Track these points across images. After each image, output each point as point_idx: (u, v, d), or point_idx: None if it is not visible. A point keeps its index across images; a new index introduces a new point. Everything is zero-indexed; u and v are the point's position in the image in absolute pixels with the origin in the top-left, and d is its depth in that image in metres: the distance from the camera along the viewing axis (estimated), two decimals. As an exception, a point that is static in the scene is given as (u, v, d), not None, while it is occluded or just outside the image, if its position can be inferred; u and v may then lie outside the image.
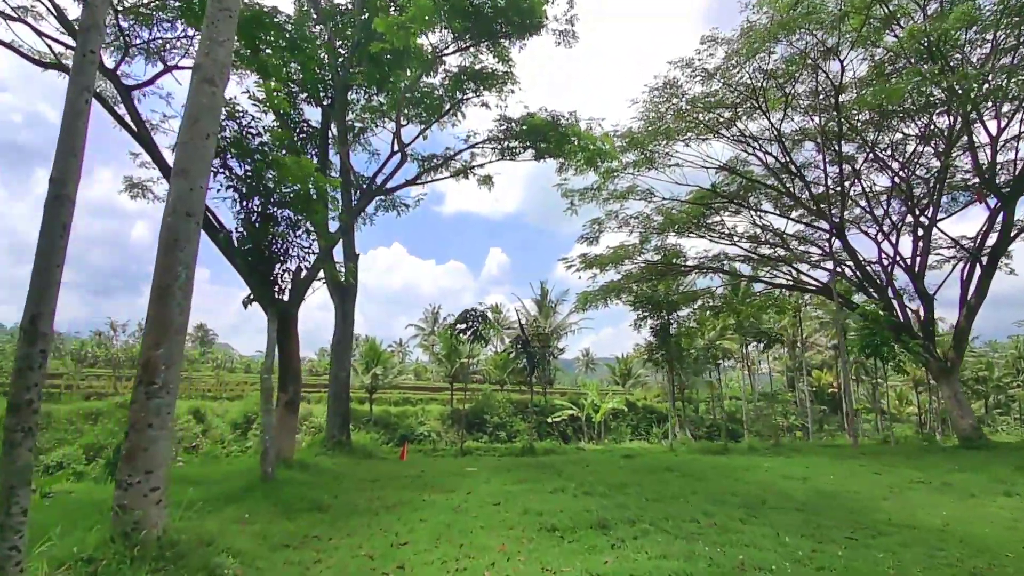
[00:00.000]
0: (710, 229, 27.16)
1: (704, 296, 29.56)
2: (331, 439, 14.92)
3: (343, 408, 15.48)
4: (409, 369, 57.95)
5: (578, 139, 15.32)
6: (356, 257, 16.41)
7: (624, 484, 11.18)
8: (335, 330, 15.88)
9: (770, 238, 27.18)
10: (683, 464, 14.45)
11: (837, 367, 60.05)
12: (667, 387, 42.78)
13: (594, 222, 24.97)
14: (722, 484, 11.69)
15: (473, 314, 16.74)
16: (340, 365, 15.67)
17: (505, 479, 12.05)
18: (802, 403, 48.90)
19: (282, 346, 11.77)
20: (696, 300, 26.70)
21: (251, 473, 10.25)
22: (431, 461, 15.11)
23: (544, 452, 17.13)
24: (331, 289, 16.12)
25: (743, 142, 21.86)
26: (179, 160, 6.43)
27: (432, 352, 42.89)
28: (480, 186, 19.80)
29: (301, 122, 16.85)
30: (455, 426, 37.67)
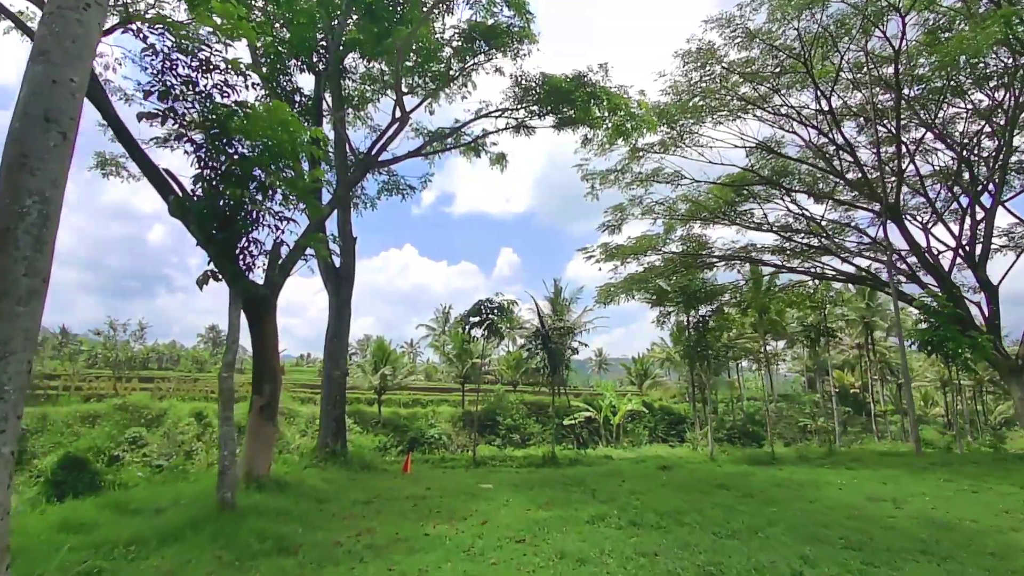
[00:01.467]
0: (739, 218, 24.58)
1: (732, 290, 26.92)
2: (323, 449, 12.56)
3: (338, 413, 13.14)
4: (419, 369, 55.61)
5: (607, 100, 12.86)
6: (354, 240, 14.08)
7: (678, 511, 8.66)
8: (328, 323, 13.54)
9: (805, 226, 24.50)
10: (735, 480, 11.88)
11: (861, 366, 56.89)
12: (691, 386, 40.11)
13: (616, 209, 22.47)
14: (799, 510, 9.13)
15: (488, 306, 14.37)
16: (334, 363, 13.33)
17: (528, 501, 9.58)
18: (824, 404, 45.79)
19: (256, 338, 9.42)
20: (723, 294, 24.06)
21: (209, 498, 7.88)
22: (439, 474, 12.72)
23: (568, 462, 14.68)
24: (324, 275, 13.78)
25: (784, 116, 19.28)
26: (40, 39, 4.07)
27: (443, 352, 40.56)
28: (492, 165, 17.42)
29: (292, 90, 14.60)
30: (466, 428, 35.31)
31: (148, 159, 8.28)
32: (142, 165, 8.21)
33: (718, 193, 22.23)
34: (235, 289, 7.82)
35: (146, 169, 8.24)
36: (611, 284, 22.69)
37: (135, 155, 8.29)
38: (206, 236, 7.66)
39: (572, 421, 33.54)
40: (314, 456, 12.50)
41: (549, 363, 15.40)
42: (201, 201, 7.71)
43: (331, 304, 13.58)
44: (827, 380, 61.66)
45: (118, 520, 7.21)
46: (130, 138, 8.23)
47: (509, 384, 44.20)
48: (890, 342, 56.86)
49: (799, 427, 45.80)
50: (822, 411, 41.91)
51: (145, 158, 8.21)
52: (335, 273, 13.66)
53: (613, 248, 22.59)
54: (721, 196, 21.96)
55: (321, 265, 13.72)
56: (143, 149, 8.24)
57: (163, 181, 8.34)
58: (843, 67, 18.35)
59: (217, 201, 7.70)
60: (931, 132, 19.37)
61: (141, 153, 8.20)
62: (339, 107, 13.30)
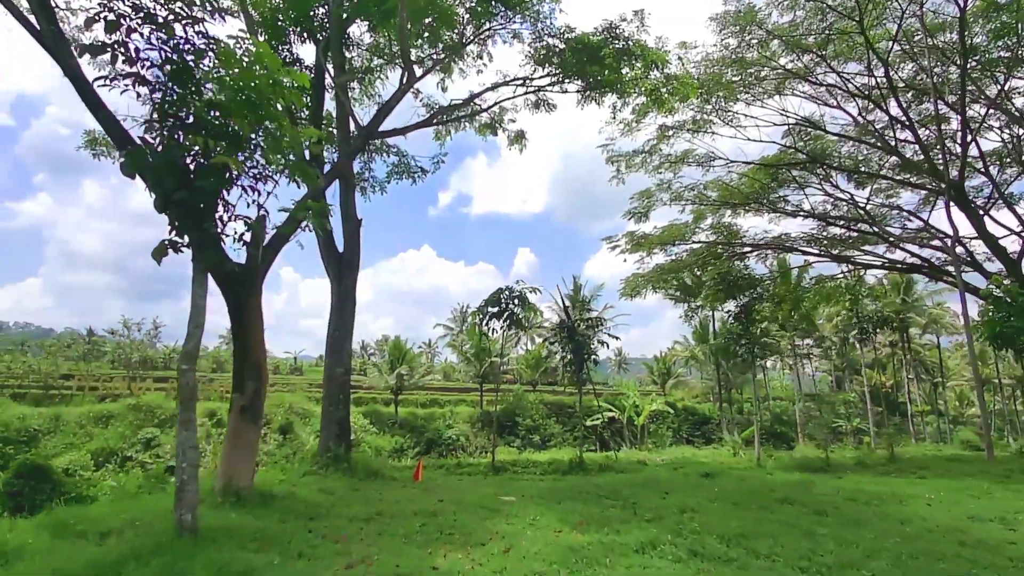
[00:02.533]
0: (773, 205, 22.55)
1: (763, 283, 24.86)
2: (324, 454, 10.99)
3: (341, 415, 11.56)
4: (437, 369, 54.17)
5: (643, 56, 11.10)
6: (359, 222, 12.52)
7: (745, 535, 6.87)
8: (331, 314, 11.98)
9: (845, 212, 22.36)
10: (797, 492, 10.01)
11: (893, 364, 53.90)
12: (718, 386, 37.88)
13: (643, 195, 20.63)
14: (893, 534, 7.28)
15: (508, 294, 12.68)
16: (337, 360, 11.75)
17: (558, 519, 7.87)
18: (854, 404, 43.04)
19: (237, 326, 7.88)
20: (763, 283, 22.05)
21: (171, 518, 6.34)
22: (454, 483, 11.07)
23: (597, 468, 12.92)
24: (325, 261, 12.24)
25: (831, 89, 17.28)
26: None
27: (461, 351, 39.04)
28: (511, 145, 15.77)
29: (292, 61, 13.15)
30: (485, 429, 33.73)
31: (101, 102, 6.81)
32: (96, 111, 6.73)
33: (753, 176, 20.25)
34: (201, 263, 6.27)
35: (101, 117, 6.76)
36: (638, 275, 20.87)
37: (87, 98, 6.82)
38: (165, 196, 6.11)
39: (595, 422, 31.68)
40: (314, 462, 10.94)
41: (574, 358, 13.60)
42: (159, 154, 6.17)
43: (333, 293, 12.02)
44: (856, 379, 58.68)
45: (52, 547, 5.69)
46: (80, 77, 6.77)
47: (528, 384, 42.48)
48: (925, 339, 53.83)
49: (831, 428, 43.21)
50: (856, 411, 39.30)
51: (98, 102, 6.74)
52: (337, 258, 12.11)
53: (640, 237, 20.75)
54: (756, 178, 19.99)
55: (322, 249, 12.19)
56: (98, 93, 6.77)
57: (122, 133, 6.86)
58: (898, 34, 16.30)
59: (178, 154, 6.16)
60: (991, 107, 17.18)
61: (94, 96, 6.74)
62: (341, 73, 11.79)
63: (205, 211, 6.11)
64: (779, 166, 20.44)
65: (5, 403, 26.03)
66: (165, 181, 6.11)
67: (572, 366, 14.00)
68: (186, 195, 6.00)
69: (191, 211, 6.04)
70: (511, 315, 12.62)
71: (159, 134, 6.41)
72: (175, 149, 6.20)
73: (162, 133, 6.43)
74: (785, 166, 19.87)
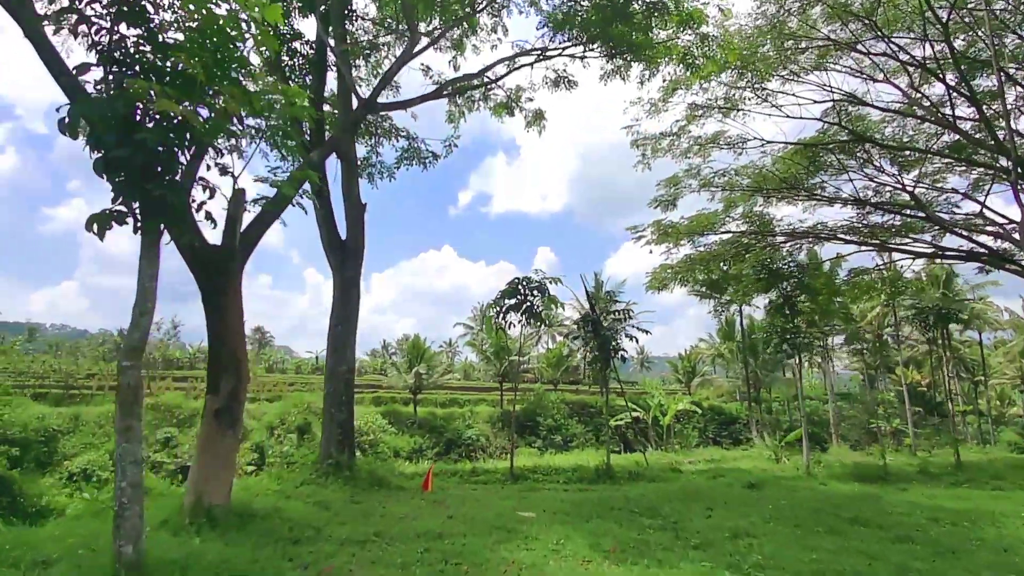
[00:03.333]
0: (810, 192, 20.75)
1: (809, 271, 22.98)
2: (325, 461, 9.80)
3: (343, 417, 10.35)
4: (457, 368, 53.09)
5: (676, 10, 9.64)
6: (363, 207, 11.31)
7: (823, 573, 5.41)
8: (332, 307, 10.78)
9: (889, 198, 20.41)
10: (865, 509, 8.44)
11: (931, 363, 50.93)
12: (747, 384, 35.89)
13: (670, 182, 19.06)
14: (998, 566, 5.74)
15: (526, 285, 11.28)
16: (340, 357, 10.54)
17: (587, 543, 6.50)
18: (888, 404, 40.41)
19: (212, 317, 6.70)
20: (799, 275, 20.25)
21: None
22: (467, 493, 9.77)
23: (627, 476, 11.48)
24: (327, 248, 11.06)
25: (881, 59, 15.50)
26: None
27: (480, 349, 37.81)
28: (528, 127, 14.44)
29: (292, 35, 12.03)
30: (505, 429, 32.45)
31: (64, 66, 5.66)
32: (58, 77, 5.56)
33: (789, 159, 18.53)
34: (150, 236, 5.08)
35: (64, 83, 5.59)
36: (666, 266, 19.31)
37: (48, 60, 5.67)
38: (106, 155, 4.94)
39: (619, 422, 30.09)
40: (314, 469, 9.77)
41: (600, 355, 12.13)
42: (99, 103, 5.01)
43: (335, 283, 10.85)
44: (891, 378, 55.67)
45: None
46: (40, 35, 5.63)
47: (549, 383, 41.06)
48: (966, 336, 50.80)
49: (868, 429, 40.71)
50: (896, 411, 36.85)
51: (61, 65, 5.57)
52: (339, 245, 10.93)
53: (667, 226, 19.18)
54: (794, 160, 18.27)
55: (324, 236, 11.01)
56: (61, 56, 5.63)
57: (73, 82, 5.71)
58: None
59: (121, 104, 4.98)
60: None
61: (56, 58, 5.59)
62: (342, 43, 10.62)
63: (148, 170, 4.91)
64: (819, 145, 18.64)
65: (25, 403, 25.70)
66: (105, 136, 4.94)
67: (597, 363, 12.50)
68: (126, 152, 4.81)
69: (131, 170, 4.84)
70: (529, 307, 11.24)
71: (103, 82, 5.27)
72: (118, 99, 5.02)
73: (106, 80, 5.27)
74: (825, 145, 18.07)
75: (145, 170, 4.94)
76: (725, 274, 23.03)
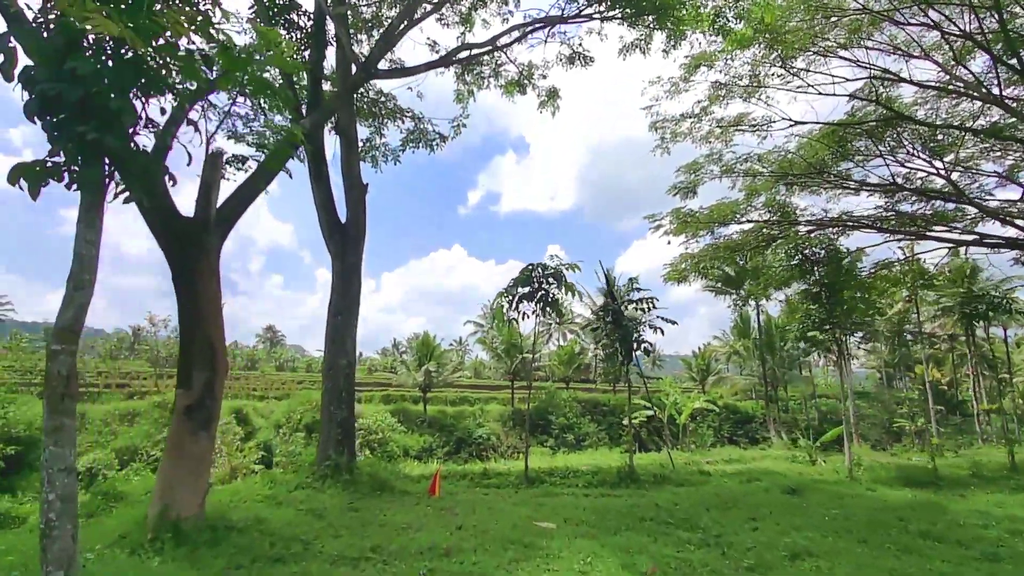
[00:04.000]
0: (839, 179, 19.49)
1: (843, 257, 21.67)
2: (323, 463, 8.83)
3: (343, 415, 9.35)
4: (467, 366, 52.10)
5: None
6: (364, 187, 10.33)
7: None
8: (331, 296, 9.80)
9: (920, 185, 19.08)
10: (932, 520, 7.30)
11: (953, 360, 49.14)
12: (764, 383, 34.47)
13: (689, 168, 17.90)
14: None
15: (541, 272, 10.18)
16: (339, 350, 9.53)
17: (618, 563, 5.45)
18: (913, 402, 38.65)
19: (182, 300, 5.74)
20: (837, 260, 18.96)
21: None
22: (478, 498, 8.74)
23: (652, 480, 10.36)
24: (326, 232, 10.11)
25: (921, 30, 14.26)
26: None
27: (490, 347, 36.81)
28: (542, 108, 13.41)
29: (287, 5, 11.10)
30: (516, 428, 31.50)
31: None
32: None
33: (818, 141, 17.32)
34: (89, 193, 4.11)
35: None
36: (687, 255, 18.17)
37: None
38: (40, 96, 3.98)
39: (633, 420, 28.92)
40: (310, 472, 8.81)
41: (621, 347, 10.95)
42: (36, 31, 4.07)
43: (334, 271, 9.88)
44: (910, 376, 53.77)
45: None
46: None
47: (561, 381, 39.98)
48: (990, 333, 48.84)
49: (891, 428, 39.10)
50: (920, 410, 35.21)
51: None
52: (339, 229, 9.97)
53: (686, 215, 18.03)
54: (822, 142, 17.06)
55: (322, 219, 10.06)
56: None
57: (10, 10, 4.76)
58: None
59: (59, 33, 4.03)
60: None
61: None
62: (339, 5, 9.64)
63: (88, 111, 3.94)
64: (851, 124, 17.39)
65: (30, 401, 25.15)
66: (38, 72, 3.98)
67: (618, 357, 11.28)
68: (59, 86, 3.85)
69: (65, 108, 3.88)
70: (544, 296, 10.18)
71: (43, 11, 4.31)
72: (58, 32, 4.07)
73: (46, 7, 4.32)
74: (858, 124, 16.80)
75: (83, 109, 3.97)
76: (743, 269, 21.77)
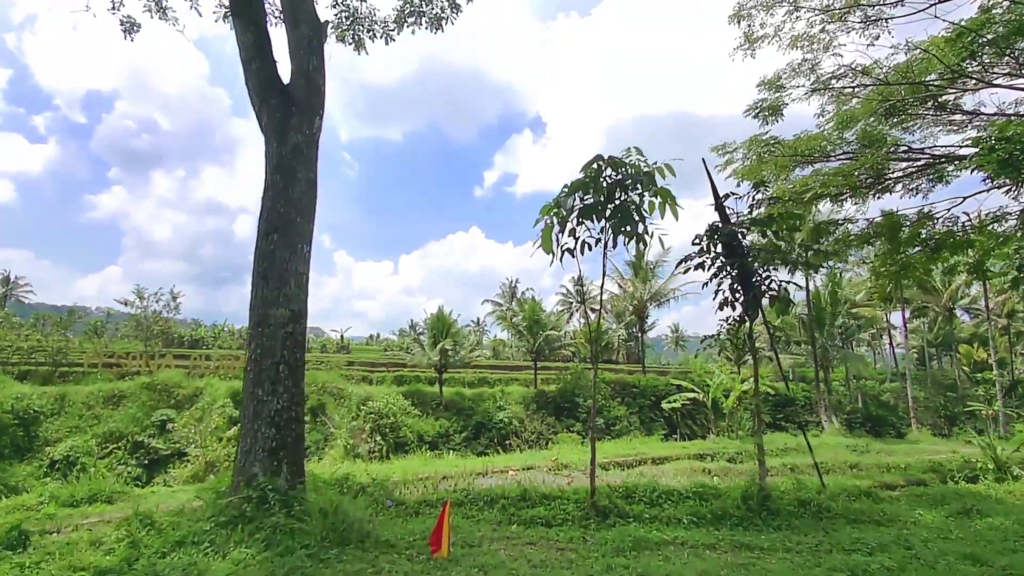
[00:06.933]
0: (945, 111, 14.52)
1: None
2: (239, 489, 4.54)
3: (281, 403, 4.94)
4: (485, 345, 47.90)
5: None
6: (320, 26, 5.89)
7: None
8: (263, 202, 5.41)
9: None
10: None
11: (1009, 338, 43.55)
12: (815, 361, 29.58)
13: (770, 84, 13.15)
14: None
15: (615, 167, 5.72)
16: (274, 291, 5.03)
17: None
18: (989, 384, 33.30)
19: None
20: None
21: None
22: (517, 557, 4.47)
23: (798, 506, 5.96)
24: (255, 89, 5.67)
25: None
26: None
27: (511, 324, 32.59)
28: None
29: None
30: (540, 411, 27.21)
31: None
32: None
33: (947, 44, 12.41)
34: None
35: None
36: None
37: None
38: None
39: (672, 404, 24.52)
40: (215, 508, 4.57)
41: (743, 293, 6.53)
42: None
43: (268, 156, 5.53)
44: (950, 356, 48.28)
45: None
46: None
47: (586, 360, 35.58)
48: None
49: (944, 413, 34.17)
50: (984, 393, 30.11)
51: None
52: (277, 93, 5.57)
53: (768, 143, 13.32)
54: (961, 41, 12.17)
55: (251, 78, 5.66)
56: None
57: None
58: None
59: None
60: None
61: None
62: None
63: None
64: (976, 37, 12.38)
65: (5, 381, 21.62)
66: None
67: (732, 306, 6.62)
68: None
69: None
70: (621, 207, 5.71)
71: None
72: None
73: None
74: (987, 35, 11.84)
75: None
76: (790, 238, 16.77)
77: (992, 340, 31.66)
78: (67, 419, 22.02)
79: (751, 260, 6.15)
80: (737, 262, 6.31)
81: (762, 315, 6.78)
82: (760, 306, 6.49)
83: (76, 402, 22.67)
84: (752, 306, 6.39)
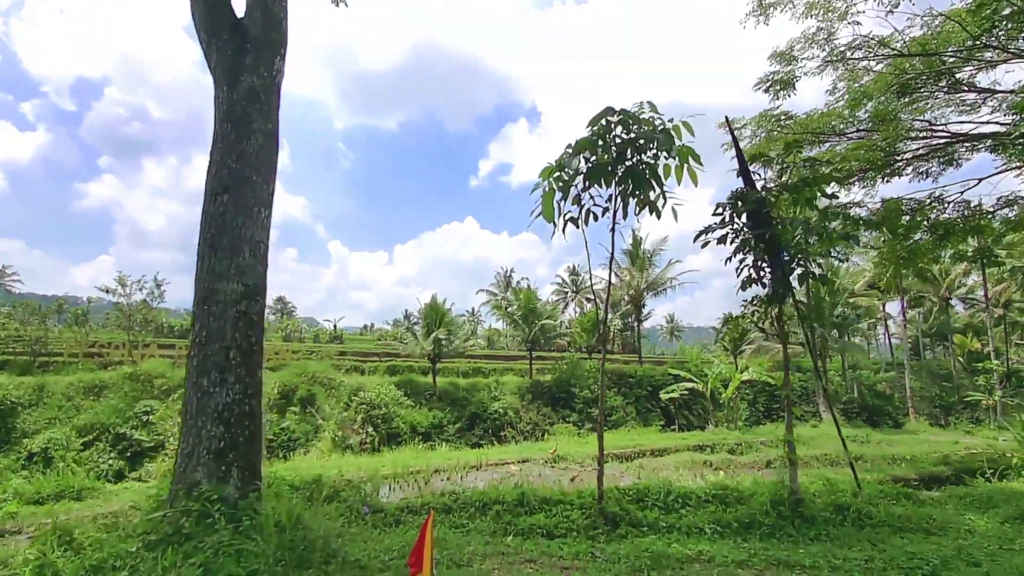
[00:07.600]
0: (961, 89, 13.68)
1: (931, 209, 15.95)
2: (180, 497, 3.74)
3: (232, 395, 4.16)
4: (480, 335, 47.13)
5: None
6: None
7: None
8: (211, 156, 4.56)
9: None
10: None
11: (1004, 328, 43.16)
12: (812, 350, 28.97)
13: (782, 57, 12.25)
14: None
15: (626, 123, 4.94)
16: (224, 261, 4.08)
17: None
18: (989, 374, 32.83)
19: None
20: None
21: None
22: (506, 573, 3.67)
23: (832, 512, 5.18)
24: (203, 25, 4.76)
25: None
26: None
27: (506, 313, 31.76)
28: None
29: None
30: (536, 401, 26.50)
31: None
32: None
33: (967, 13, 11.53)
34: None
35: None
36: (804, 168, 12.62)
37: None
38: None
39: (670, 394, 23.86)
40: (149, 524, 3.75)
41: (771, 272, 5.69)
42: None
43: (217, 106, 4.52)
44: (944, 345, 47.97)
45: None
46: None
47: (582, 350, 34.82)
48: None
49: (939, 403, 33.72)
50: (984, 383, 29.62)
51: None
52: (232, 27, 4.63)
53: (780, 118, 12.46)
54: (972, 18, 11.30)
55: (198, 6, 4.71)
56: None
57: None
58: None
59: None
60: None
61: None
62: None
63: None
64: None
65: (-26, 369, 20.65)
66: None
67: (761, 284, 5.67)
68: None
69: None
70: (633, 169, 4.84)
71: None
72: None
73: None
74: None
75: None
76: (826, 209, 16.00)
77: (989, 330, 31.16)
78: (46, 410, 21.07)
79: (793, 232, 5.22)
80: (767, 232, 5.45)
81: (792, 296, 5.93)
82: (788, 282, 5.65)
83: (56, 393, 21.70)
84: (784, 283, 5.54)
